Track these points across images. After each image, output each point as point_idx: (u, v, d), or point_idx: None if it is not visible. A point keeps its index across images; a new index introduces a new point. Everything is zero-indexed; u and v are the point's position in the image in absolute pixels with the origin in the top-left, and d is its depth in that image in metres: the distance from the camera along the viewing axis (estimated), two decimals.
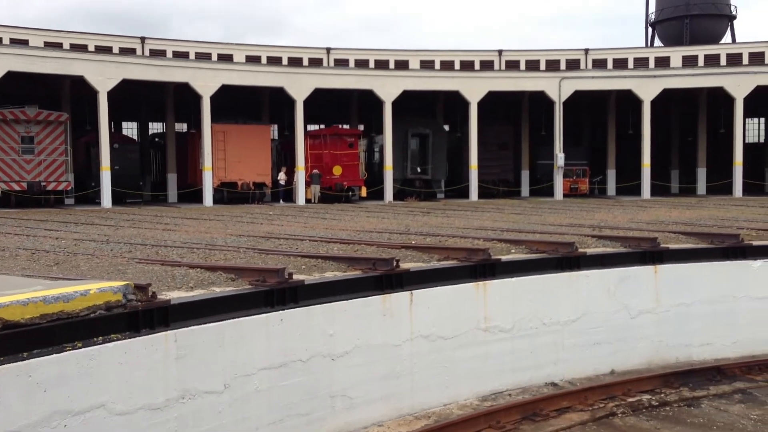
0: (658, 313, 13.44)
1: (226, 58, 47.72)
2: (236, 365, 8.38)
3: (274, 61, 48.01)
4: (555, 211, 25.31)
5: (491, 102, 37.60)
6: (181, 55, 47.35)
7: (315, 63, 51.14)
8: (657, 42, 62.93)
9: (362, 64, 51.06)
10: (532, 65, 54.09)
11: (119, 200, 32.95)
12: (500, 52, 55.32)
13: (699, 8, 59.62)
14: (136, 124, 46.77)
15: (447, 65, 53.04)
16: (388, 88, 35.49)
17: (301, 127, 34.81)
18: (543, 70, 50.07)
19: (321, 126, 45.43)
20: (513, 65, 53.99)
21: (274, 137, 43.59)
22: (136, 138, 44.07)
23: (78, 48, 42.41)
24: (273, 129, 43.90)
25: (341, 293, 9.78)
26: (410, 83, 36.38)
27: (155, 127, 47.24)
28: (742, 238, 14.41)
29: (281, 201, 35.35)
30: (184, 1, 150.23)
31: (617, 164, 41.85)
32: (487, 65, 54.08)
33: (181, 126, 44.90)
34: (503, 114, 43.30)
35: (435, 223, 19.23)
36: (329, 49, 54.03)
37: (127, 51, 46.93)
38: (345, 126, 42.60)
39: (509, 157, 41.30)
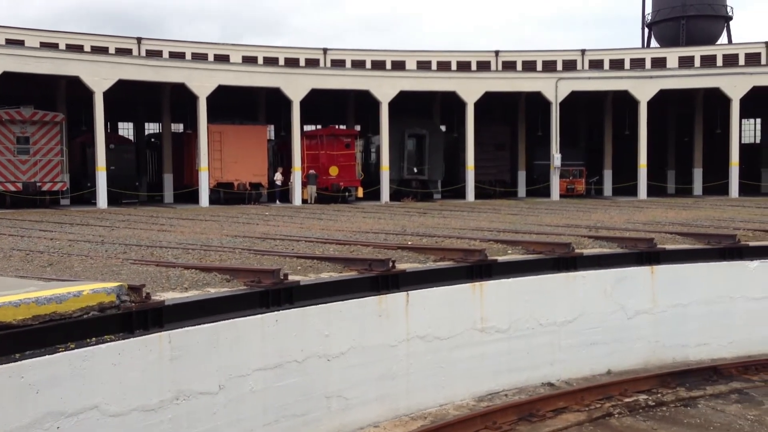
0: (655, 314, 13.42)
1: (223, 59, 47.65)
2: (231, 366, 8.33)
3: (271, 62, 47.98)
4: (551, 212, 25.30)
5: (488, 102, 37.60)
6: (178, 56, 47.30)
7: (312, 63, 51.09)
8: (653, 43, 63.02)
9: (359, 65, 51.03)
10: (529, 66, 54.10)
11: (115, 201, 32.87)
12: (497, 53, 55.35)
13: (695, 9, 59.74)
14: (132, 125, 46.68)
15: (444, 66, 53.06)
16: (385, 89, 35.46)
17: (298, 128, 34.78)
18: (540, 71, 50.09)
19: (317, 126, 45.40)
20: (510, 66, 53.99)
21: (271, 138, 43.52)
22: (132, 138, 43.98)
23: (74, 48, 42.28)
24: (269, 129, 43.85)
25: (337, 294, 9.74)
26: (407, 84, 36.36)
27: (151, 128, 47.16)
28: (739, 239, 14.41)
29: (278, 201, 35.30)
30: (182, 2, 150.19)
31: (614, 165, 41.88)
32: (484, 66, 54.11)
33: (178, 126, 44.84)
34: (500, 114, 43.29)
35: (431, 224, 19.20)
36: (326, 50, 54.00)
37: (124, 51, 46.83)
38: (342, 126, 42.58)
39: (506, 158, 41.30)
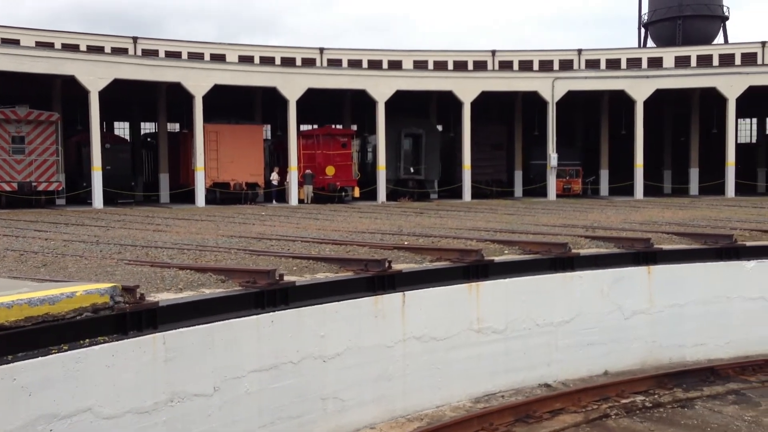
0: (652, 314, 13.39)
1: (219, 58, 47.53)
2: (226, 367, 8.28)
3: (267, 61, 47.85)
4: (548, 212, 25.27)
5: (484, 102, 37.55)
6: (174, 55, 47.17)
7: (308, 63, 51.01)
8: (650, 43, 63.05)
9: (355, 64, 50.96)
10: (525, 65, 54.08)
11: (111, 201, 32.75)
12: (493, 53, 55.32)
13: (692, 9, 59.77)
14: (128, 124, 46.54)
15: (440, 65, 52.99)
16: (382, 88, 35.40)
17: (294, 127, 34.70)
18: (536, 71, 50.04)
19: (314, 126, 45.32)
20: (506, 65, 53.97)
21: (267, 137, 43.43)
22: (128, 138, 43.84)
23: (70, 48, 42.14)
24: (266, 129, 43.76)
25: (333, 295, 9.69)
26: (403, 83, 36.30)
27: (147, 127, 47.04)
28: (736, 239, 14.39)
29: (274, 201, 35.22)
30: (178, 2, 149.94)
31: (610, 164, 41.88)
32: (481, 65, 54.07)
33: (174, 126, 44.73)
34: (496, 114, 43.27)
35: (428, 224, 19.16)
36: (322, 49, 53.91)
37: (120, 51, 46.70)
38: (338, 126, 42.49)
39: (502, 158, 41.26)
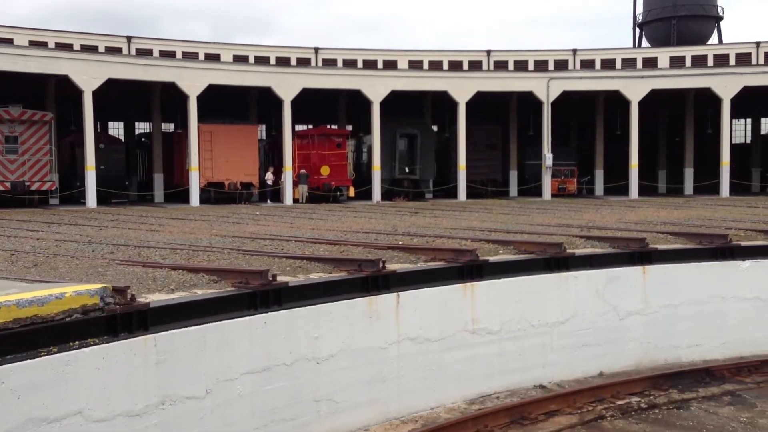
0: (647, 314, 13.35)
1: (214, 58, 47.41)
2: (218, 370, 8.19)
3: (262, 61, 47.75)
4: (543, 212, 25.23)
5: (479, 102, 37.53)
6: (168, 55, 47.02)
7: (303, 63, 50.91)
8: (644, 43, 63.12)
9: (350, 64, 50.88)
10: (521, 65, 54.09)
11: (105, 200, 32.63)
12: (488, 53, 55.30)
13: (686, 9, 59.87)
14: (123, 124, 46.39)
15: (435, 65, 52.94)
16: (377, 88, 35.34)
17: (289, 127, 34.61)
18: (531, 71, 50.09)
19: (309, 126, 45.22)
20: (501, 65, 53.97)
21: (262, 137, 43.32)
22: (122, 138, 43.70)
23: (63, 47, 41.96)
24: (260, 129, 43.64)
25: (326, 295, 9.61)
26: (398, 83, 36.24)
27: (142, 127, 46.86)
28: (731, 239, 14.36)
29: (268, 201, 35.12)
30: (173, 1, 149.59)
31: (605, 164, 41.88)
32: (476, 65, 54.04)
33: (168, 126, 44.56)
34: (491, 114, 43.24)
35: (423, 224, 19.09)
36: (317, 49, 53.82)
37: (114, 50, 46.52)
38: (333, 126, 42.42)
39: (497, 158, 41.23)
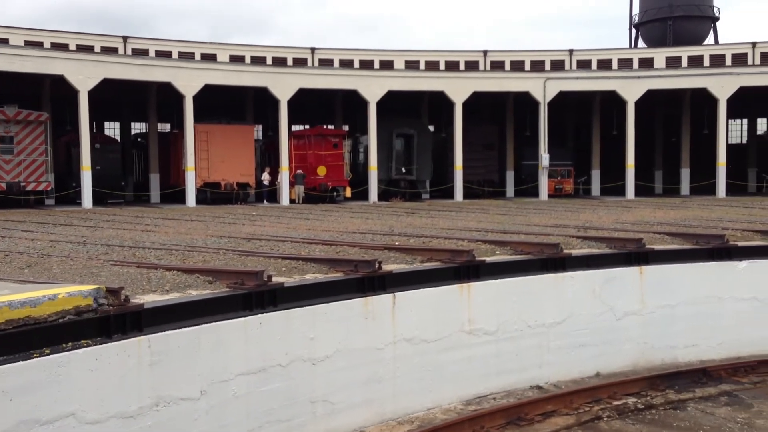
0: (644, 315, 13.32)
1: (210, 58, 47.32)
2: (213, 371, 8.14)
3: (258, 61, 47.66)
4: (540, 212, 25.21)
5: (476, 102, 37.50)
6: (164, 55, 46.90)
7: (299, 63, 50.84)
8: (641, 43, 63.17)
9: (347, 64, 50.82)
10: (517, 66, 54.05)
11: (100, 201, 32.53)
12: (485, 53, 55.28)
13: (682, 10, 59.93)
14: (118, 124, 46.27)
15: (432, 65, 52.92)
16: (373, 89, 35.29)
17: (285, 128, 34.54)
18: (528, 71, 50.02)
19: (305, 126, 45.15)
20: (498, 66, 53.94)
21: (258, 137, 43.24)
22: (118, 138, 43.59)
23: (59, 47, 41.84)
24: (257, 129, 43.57)
25: (322, 296, 9.56)
26: (395, 83, 36.20)
27: (138, 127, 46.77)
28: (727, 239, 14.34)
29: (265, 201, 35.05)
30: (169, 1, 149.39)
31: (602, 165, 41.89)
32: (472, 66, 54.03)
33: (164, 126, 44.47)
34: (488, 114, 43.22)
35: (419, 224, 19.05)
36: (314, 49, 53.75)
37: (109, 50, 46.39)
38: (330, 126, 42.36)
39: (494, 158, 41.22)
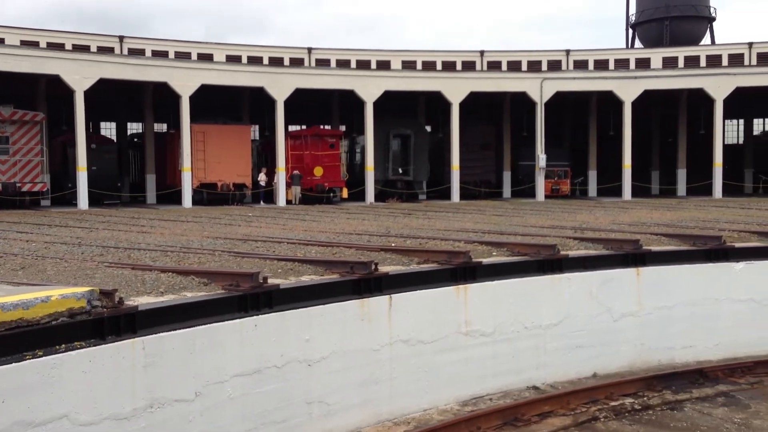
0: (641, 316, 13.30)
1: (207, 58, 47.26)
2: (208, 373, 8.09)
3: (255, 61, 47.61)
4: (536, 213, 25.19)
5: (473, 103, 37.49)
6: (161, 55, 46.83)
7: (296, 63, 50.80)
8: (637, 43, 63.24)
9: (344, 65, 50.81)
10: (514, 66, 54.08)
11: (96, 201, 32.46)
12: (482, 53, 55.30)
13: (679, 10, 60.03)
14: (115, 124, 46.19)
15: (429, 66, 52.91)
16: (370, 89, 35.26)
17: (282, 128, 34.49)
18: (525, 71, 50.04)
19: (302, 126, 45.10)
20: (495, 66, 53.96)
21: (255, 138, 43.20)
22: (115, 138, 43.51)
23: (55, 47, 41.74)
24: (253, 129, 43.52)
25: (318, 298, 9.51)
26: (392, 83, 36.18)
27: (134, 127, 46.68)
28: (724, 240, 14.32)
29: (261, 202, 35.01)
30: (166, 1, 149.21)
31: (598, 165, 41.92)
32: (469, 66, 54.03)
33: (161, 126, 44.40)
34: (485, 115, 43.21)
35: (416, 225, 19.02)
36: (310, 49, 53.72)
37: (106, 50, 46.30)
38: (326, 126, 42.32)
39: (491, 158, 41.20)
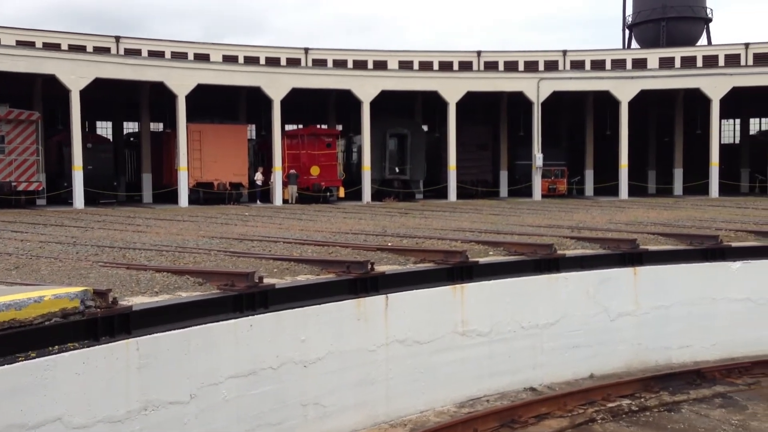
0: (638, 316, 13.27)
1: (203, 58, 47.14)
2: (203, 374, 8.03)
3: (252, 61, 47.51)
4: (533, 212, 25.16)
5: (470, 102, 37.44)
6: (157, 55, 46.74)
7: (293, 63, 50.71)
8: (634, 44, 63.27)
9: (340, 64, 50.73)
10: (511, 66, 54.07)
11: (92, 201, 32.35)
12: (479, 53, 55.26)
13: (675, 11, 60.08)
14: (111, 124, 46.07)
15: (426, 65, 52.86)
16: (367, 88, 35.19)
17: (279, 127, 34.42)
18: (521, 71, 50.05)
19: (299, 126, 45.02)
20: (492, 66, 53.93)
21: (251, 137, 43.09)
22: (111, 137, 43.39)
23: (51, 47, 41.63)
24: (250, 129, 43.42)
25: (314, 297, 9.46)
26: (389, 83, 36.12)
27: (130, 127, 46.56)
28: (721, 240, 14.30)
29: (258, 201, 34.93)
30: (163, 2, 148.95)
31: (595, 165, 41.87)
32: (466, 66, 53.99)
33: (157, 126, 44.30)
34: (482, 114, 43.16)
35: (412, 225, 18.97)
36: (307, 49, 53.63)
37: (102, 50, 46.19)
38: (323, 126, 42.24)
39: (488, 158, 41.16)
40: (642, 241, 13.78)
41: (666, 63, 52.18)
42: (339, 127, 41.71)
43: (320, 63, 51.79)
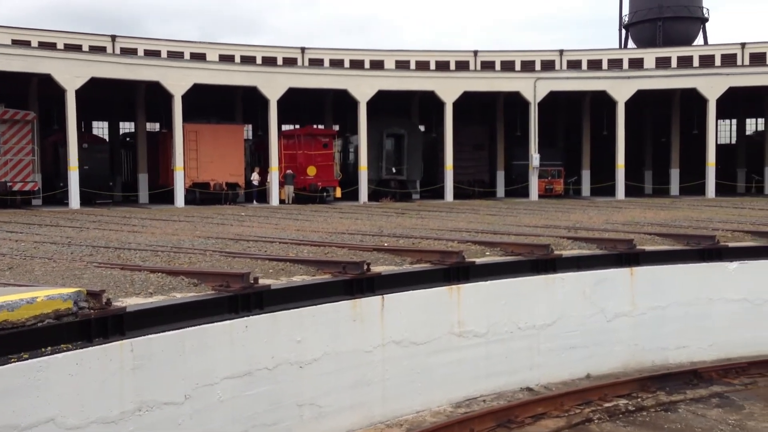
0: (634, 316, 13.24)
1: (200, 57, 47.07)
2: (198, 375, 7.98)
3: (248, 61, 47.44)
4: (530, 212, 25.14)
5: (466, 102, 37.44)
6: (153, 54, 46.61)
7: (289, 63, 50.63)
8: (631, 44, 63.32)
9: (337, 64, 50.66)
10: (508, 66, 54.04)
11: (88, 201, 32.27)
12: (476, 53, 55.25)
13: (672, 11, 60.14)
14: (107, 124, 45.96)
15: (422, 65, 52.85)
16: (363, 88, 35.16)
17: (275, 127, 34.37)
18: (518, 71, 50.01)
19: (295, 126, 44.96)
20: (488, 66, 53.92)
21: (248, 137, 43.03)
22: (107, 137, 43.28)
23: (47, 46, 41.52)
24: (247, 129, 43.35)
25: (309, 298, 9.41)
26: (385, 83, 36.08)
27: (126, 127, 46.47)
28: (718, 240, 14.28)
29: (254, 202, 34.88)
30: (160, 1, 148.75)
31: (592, 165, 41.91)
32: (463, 66, 53.99)
33: (153, 126, 44.21)
34: (478, 114, 43.18)
35: (409, 225, 18.93)
36: (304, 49, 53.57)
37: (98, 49, 46.08)
38: (320, 126, 42.19)
39: (484, 158, 41.17)
40: (639, 242, 13.76)
41: (662, 63, 52.23)
42: (336, 127, 41.68)
43: (317, 63, 51.73)
